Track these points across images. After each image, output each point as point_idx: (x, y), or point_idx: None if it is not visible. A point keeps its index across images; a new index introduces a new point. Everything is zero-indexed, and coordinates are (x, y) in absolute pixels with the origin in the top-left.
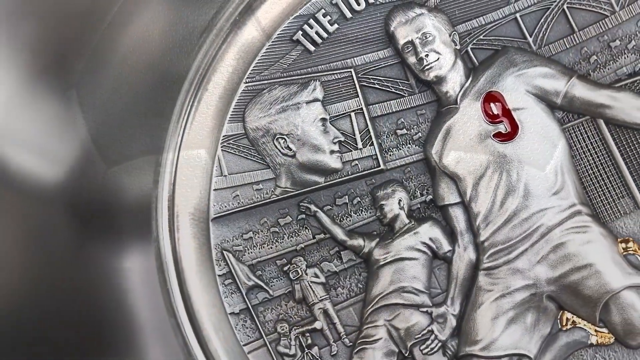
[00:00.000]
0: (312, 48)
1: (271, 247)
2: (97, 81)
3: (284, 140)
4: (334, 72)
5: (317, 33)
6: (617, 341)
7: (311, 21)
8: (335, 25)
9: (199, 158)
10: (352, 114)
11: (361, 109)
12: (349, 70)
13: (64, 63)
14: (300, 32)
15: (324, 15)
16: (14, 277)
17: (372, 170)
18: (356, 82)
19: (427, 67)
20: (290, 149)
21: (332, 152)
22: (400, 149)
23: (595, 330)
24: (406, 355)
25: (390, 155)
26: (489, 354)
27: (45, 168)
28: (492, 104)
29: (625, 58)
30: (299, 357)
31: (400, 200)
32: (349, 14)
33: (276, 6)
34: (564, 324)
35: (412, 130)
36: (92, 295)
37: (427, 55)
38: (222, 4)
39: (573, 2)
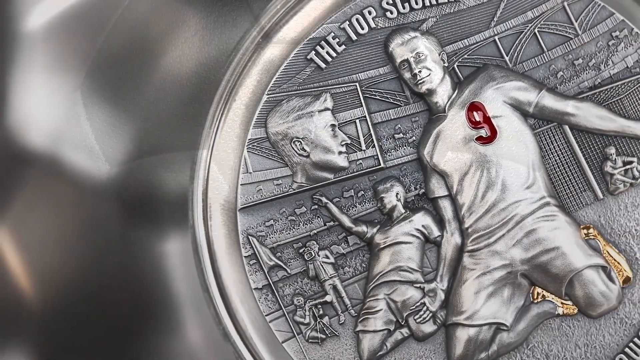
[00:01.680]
0: (323, 65)
1: (289, 233)
2: (142, 92)
3: (299, 143)
4: (342, 85)
5: (327, 53)
6: (580, 312)
7: (322, 43)
8: (343, 47)
9: (228, 158)
10: (357, 121)
11: (364, 116)
12: (354, 84)
13: (114, 76)
14: (313, 52)
15: (333, 38)
16: (72, 260)
17: (373, 168)
18: (360, 94)
19: (420, 82)
20: (305, 150)
21: (340, 152)
22: (397, 150)
23: (562, 303)
24: (402, 323)
25: (389, 155)
26: (472, 322)
27: (97, 165)
28: (474, 113)
29: (586, 74)
30: (312, 325)
31: (397, 193)
32: (354, 37)
33: (292, 30)
34: (535, 297)
35: (407, 134)
36: (138, 274)
37: (420, 72)
38: (247, 29)
39: (543, 26)
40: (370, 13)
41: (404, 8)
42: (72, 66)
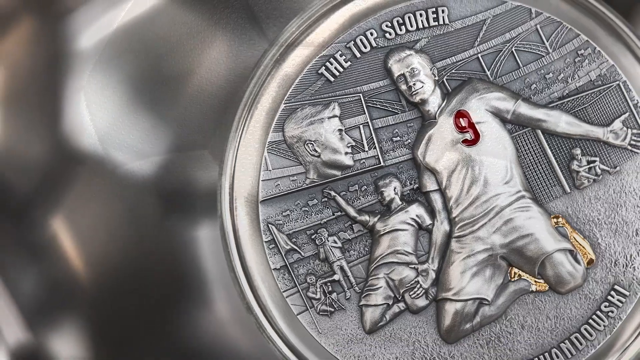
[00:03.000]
0: (332, 79)
1: (303, 222)
2: (178, 102)
3: (311, 145)
4: (348, 96)
5: (335, 68)
6: (551, 289)
7: (331, 59)
8: (349, 63)
9: (251, 157)
10: (361, 126)
11: (367, 122)
12: (358, 94)
13: (155, 89)
14: (323, 67)
15: (340, 56)
16: (118, 244)
17: (374, 166)
18: (363, 103)
19: (414, 93)
20: (317, 151)
21: (346, 153)
22: (395, 151)
23: (535, 281)
24: (399, 299)
25: (388, 155)
26: (459, 297)
27: (139, 163)
28: (461, 119)
29: (556, 86)
30: (322, 300)
31: (395, 188)
32: (358, 55)
33: (306, 49)
34: (512, 276)
35: (403, 137)
36: (174, 256)
37: (414, 84)
38: (267, 48)
39: (519, 46)
40: (372, 34)
41: (400, 30)
42: (119, 80)
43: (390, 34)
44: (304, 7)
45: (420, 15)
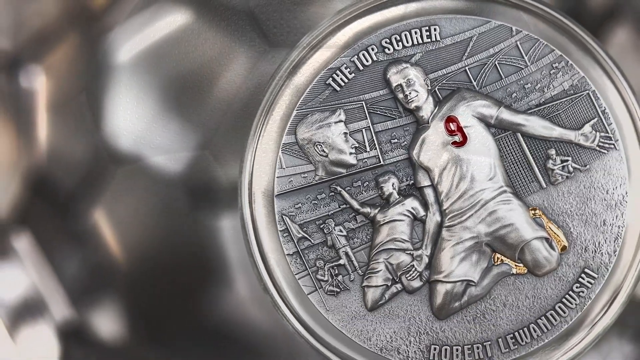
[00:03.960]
0: (338, 88)
1: (312, 213)
2: (204, 109)
3: (320, 146)
4: (352, 103)
5: (341, 79)
6: (529, 272)
7: (337, 71)
8: (353, 74)
9: (267, 157)
10: (363, 130)
11: (369, 126)
12: (361, 102)
13: (183, 97)
14: (330, 79)
15: (345, 68)
16: (151, 233)
17: (375, 165)
18: (365, 110)
19: (410, 101)
20: (325, 152)
21: (350, 153)
22: (393, 152)
23: (515, 265)
24: (397, 280)
25: (387, 155)
26: (449, 279)
27: (170, 162)
28: (450, 123)
29: (534, 95)
30: (329, 282)
31: (393, 183)
32: (361, 67)
33: (315, 63)
34: (495, 261)
35: (401, 140)
36: (200, 243)
37: (410, 93)
38: (281, 62)
39: (501, 59)
40: (372, 49)
41: (398, 46)
42: (151, 90)
43: (389, 49)
44: (313, 25)
45: (415, 33)
